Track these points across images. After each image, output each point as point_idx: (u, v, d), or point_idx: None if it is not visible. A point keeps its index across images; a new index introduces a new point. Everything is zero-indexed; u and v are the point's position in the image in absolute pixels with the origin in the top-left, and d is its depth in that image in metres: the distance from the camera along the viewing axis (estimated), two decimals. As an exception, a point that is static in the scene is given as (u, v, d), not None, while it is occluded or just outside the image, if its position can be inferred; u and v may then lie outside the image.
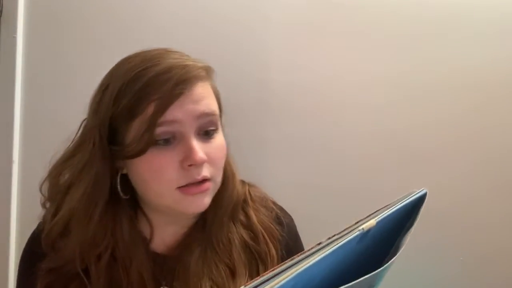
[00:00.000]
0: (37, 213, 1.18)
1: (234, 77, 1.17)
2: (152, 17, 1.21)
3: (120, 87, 0.63)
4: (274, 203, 0.77)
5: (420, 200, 0.57)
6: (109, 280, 0.65)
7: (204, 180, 0.63)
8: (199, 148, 0.61)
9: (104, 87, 0.66)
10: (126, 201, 0.66)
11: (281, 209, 0.77)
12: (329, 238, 0.44)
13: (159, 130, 0.61)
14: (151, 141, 0.60)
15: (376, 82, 1.20)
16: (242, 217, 0.72)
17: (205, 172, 0.62)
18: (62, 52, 1.20)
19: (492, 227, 1.18)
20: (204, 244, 0.68)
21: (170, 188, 0.62)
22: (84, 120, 0.69)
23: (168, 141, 0.62)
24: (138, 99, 0.61)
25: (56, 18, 1.21)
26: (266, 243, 0.69)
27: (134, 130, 0.61)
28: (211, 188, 0.64)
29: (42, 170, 1.21)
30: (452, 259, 1.17)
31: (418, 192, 0.56)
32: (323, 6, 1.20)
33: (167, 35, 1.19)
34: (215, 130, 0.65)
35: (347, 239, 0.44)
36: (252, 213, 0.72)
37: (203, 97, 0.63)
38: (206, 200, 0.64)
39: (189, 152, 0.61)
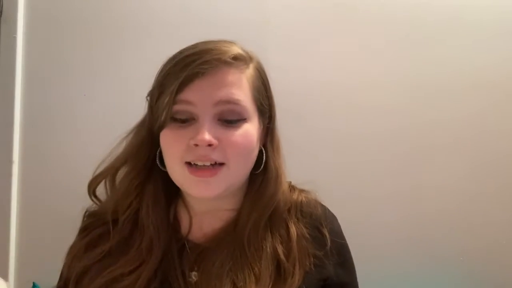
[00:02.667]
0: (37, 213, 1.19)
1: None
2: (151, 18, 1.21)
3: (160, 68, 0.68)
4: (322, 209, 0.75)
5: None
6: (127, 236, 0.69)
7: (216, 165, 0.63)
8: (208, 130, 0.62)
9: None
10: (161, 175, 0.69)
11: (326, 215, 0.75)
12: None
13: (176, 107, 0.64)
14: (169, 116, 0.64)
15: (376, 83, 1.20)
16: (282, 230, 0.69)
17: (213, 155, 0.62)
18: (62, 52, 1.20)
19: (492, 227, 1.18)
20: (235, 244, 0.67)
21: (179, 162, 0.64)
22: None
23: (185, 120, 0.64)
24: (167, 76, 0.65)
25: (56, 18, 1.21)
26: (294, 266, 0.66)
27: (160, 105, 0.65)
28: (223, 175, 0.64)
29: (42, 170, 1.22)
30: (452, 259, 1.17)
31: None
32: (322, 7, 1.20)
33: (165, 36, 1.19)
34: (240, 120, 0.64)
35: None
36: (293, 230, 0.69)
37: (226, 84, 0.64)
38: (214, 187, 0.64)
39: (196, 132, 0.62)
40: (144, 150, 0.70)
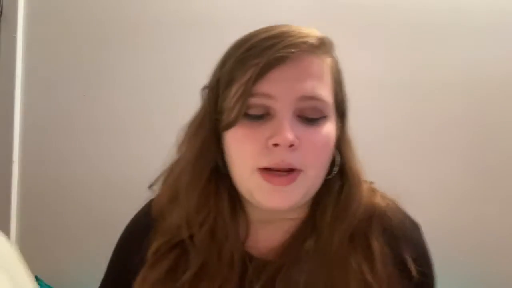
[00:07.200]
0: (37, 213, 1.19)
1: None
2: (150, 17, 1.20)
3: (228, 50, 0.57)
4: (404, 217, 0.65)
5: None
6: (205, 252, 0.58)
7: (293, 171, 0.53)
8: (290, 128, 0.52)
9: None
10: (227, 179, 0.58)
11: (407, 228, 0.64)
12: None
13: (252, 100, 0.52)
14: (242, 112, 0.53)
15: (376, 82, 1.19)
16: (363, 244, 0.58)
17: (292, 159, 0.52)
18: (62, 52, 1.20)
19: (492, 226, 1.18)
20: (316, 261, 0.57)
21: (251, 168, 0.53)
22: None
23: (261, 117, 0.53)
24: (239, 62, 0.54)
25: (56, 18, 1.21)
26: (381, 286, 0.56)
27: (230, 97, 0.54)
28: (300, 182, 0.53)
29: (42, 170, 1.22)
30: (452, 259, 1.17)
31: None
32: (324, 7, 1.20)
33: (165, 36, 1.19)
34: (321, 118, 0.54)
35: None
36: (375, 244, 0.58)
37: (309, 75, 0.54)
38: (291, 196, 0.54)
39: (277, 130, 0.52)
40: (209, 155, 0.57)
